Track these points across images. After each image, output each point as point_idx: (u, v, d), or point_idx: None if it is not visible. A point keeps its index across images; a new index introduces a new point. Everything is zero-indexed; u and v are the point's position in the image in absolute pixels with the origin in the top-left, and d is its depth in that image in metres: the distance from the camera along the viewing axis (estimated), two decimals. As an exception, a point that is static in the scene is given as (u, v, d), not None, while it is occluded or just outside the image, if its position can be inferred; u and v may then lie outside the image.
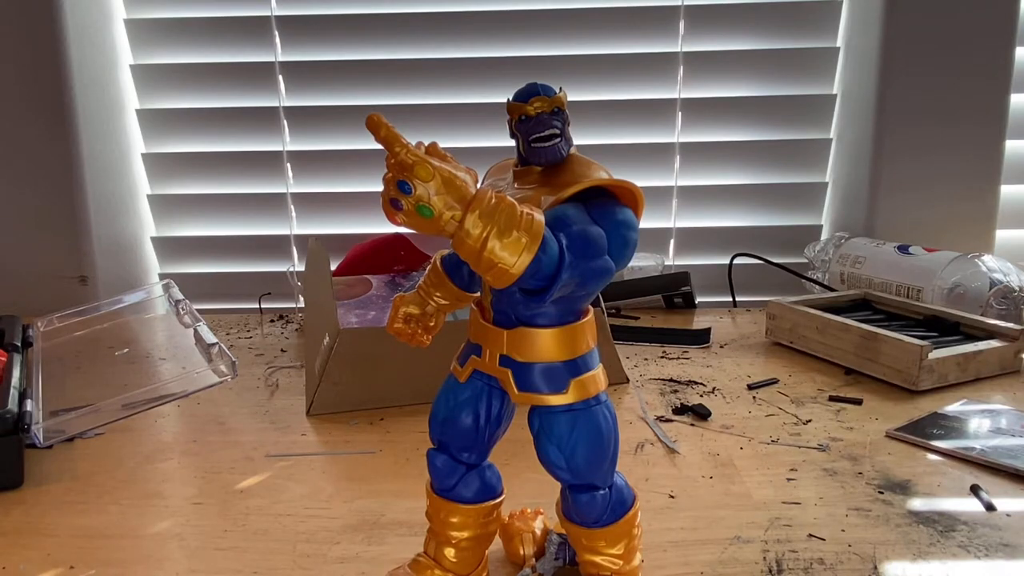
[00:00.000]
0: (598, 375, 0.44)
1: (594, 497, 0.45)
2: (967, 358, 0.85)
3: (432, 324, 0.52)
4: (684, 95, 1.26)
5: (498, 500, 0.49)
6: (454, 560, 0.49)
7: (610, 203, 0.42)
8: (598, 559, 0.46)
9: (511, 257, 0.36)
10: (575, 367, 0.43)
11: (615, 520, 0.46)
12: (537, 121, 0.43)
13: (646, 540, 0.55)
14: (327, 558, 0.54)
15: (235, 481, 0.66)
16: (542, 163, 0.44)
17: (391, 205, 0.35)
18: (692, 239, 1.30)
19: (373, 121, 0.35)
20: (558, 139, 0.43)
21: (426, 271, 0.51)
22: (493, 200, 0.36)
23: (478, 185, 0.37)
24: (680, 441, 0.73)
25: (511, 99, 0.44)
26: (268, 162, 1.28)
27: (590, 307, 0.45)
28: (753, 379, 0.89)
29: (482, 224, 0.35)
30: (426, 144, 0.37)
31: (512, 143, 0.45)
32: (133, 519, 0.60)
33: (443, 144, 0.37)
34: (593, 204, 0.41)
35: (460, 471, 0.47)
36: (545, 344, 0.43)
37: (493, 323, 0.44)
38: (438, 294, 0.50)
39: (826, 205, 1.31)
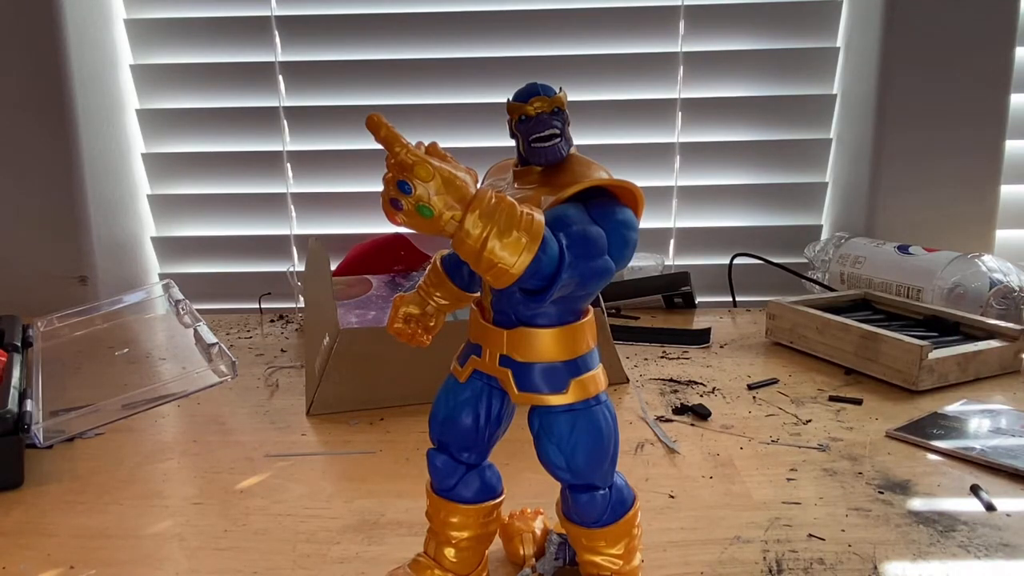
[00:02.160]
0: (598, 375, 0.44)
1: (594, 497, 0.45)
2: (967, 358, 0.85)
3: (432, 324, 0.52)
4: (684, 95, 1.26)
5: (498, 500, 0.49)
6: (454, 560, 0.49)
7: (610, 203, 0.42)
8: (598, 559, 0.46)
9: (511, 257, 0.36)
10: (575, 367, 0.43)
11: (615, 520, 0.46)
12: (537, 121, 0.43)
13: (646, 540, 0.55)
14: (327, 558, 0.54)
15: (235, 481, 0.66)
16: (542, 163, 0.44)
17: (391, 205, 0.35)
18: (692, 239, 1.30)
19: (373, 121, 0.35)
20: (558, 139, 0.43)
21: (426, 271, 0.52)
22: (493, 200, 0.36)
23: (478, 185, 0.37)
24: (680, 441, 0.73)
25: (511, 99, 0.44)
26: (268, 162, 1.28)
27: (590, 307, 0.45)
28: (753, 379, 0.89)
29: (482, 224, 0.35)
30: (426, 144, 0.37)
31: (512, 143, 0.45)
32: (133, 519, 0.60)
33: (443, 144, 0.37)
34: (593, 204, 0.41)
35: (460, 471, 0.47)
36: (545, 344, 0.43)
37: (493, 323, 0.44)
38: (438, 294, 0.50)
39: (826, 205, 1.31)
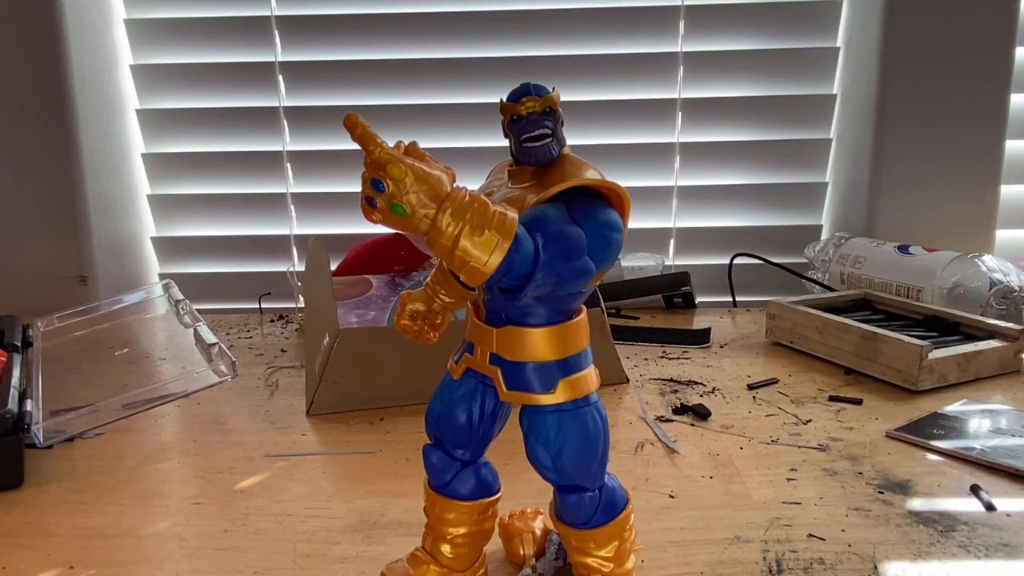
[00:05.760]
0: (589, 376, 0.44)
1: (582, 498, 0.45)
2: (967, 358, 0.85)
3: (439, 322, 0.52)
4: (684, 95, 1.26)
5: (494, 497, 0.49)
6: (450, 556, 0.49)
7: (593, 203, 0.42)
8: (588, 560, 0.46)
9: (483, 255, 0.36)
10: (565, 367, 0.43)
11: (605, 522, 0.46)
12: (528, 121, 0.44)
13: (646, 540, 0.55)
14: (327, 558, 0.54)
15: (235, 481, 0.66)
16: (532, 163, 0.44)
17: (367, 203, 0.35)
18: (692, 239, 1.30)
19: (350, 120, 0.35)
20: (549, 139, 0.44)
21: (434, 268, 0.52)
22: (467, 199, 0.36)
23: (456, 184, 0.37)
24: (680, 441, 0.73)
25: (504, 99, 0.44)
26: (268, 162, 1.28)
27: (583, 307, 0.45)
28: (753, 379, 0.89)
29: (454, 222, 0.36)
30: (406, 144, 0.37)
31: (511, 143, 0.45)
32: (133, 519, 0.60)
33: (443, 144, 0.37)
34: (575, 204, 0.41)
35: (455, 467, 0.48)
36: (534, 343, 0.43)
37: (485, 321, 0.45)
38: (443, 292, 0.51)
39: (826, 205, 1.31)
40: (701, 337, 1.04)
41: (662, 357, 0.98)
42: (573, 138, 0.45)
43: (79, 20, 1.17)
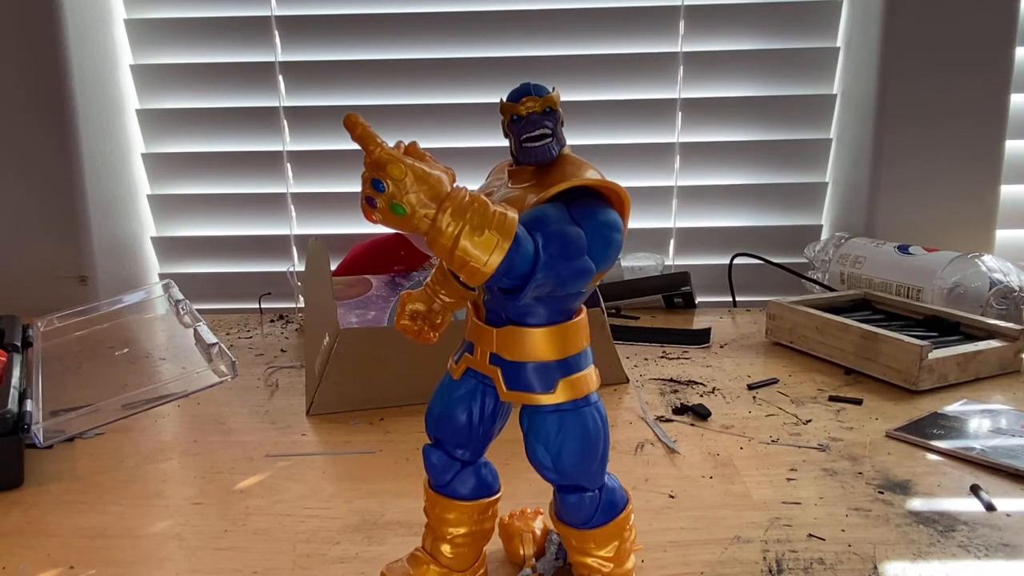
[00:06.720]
0: (589, 376, 0.44)
1: (582, 498, 0.45)
2: (967, 358, 0.85)
3: (439, 322, 0.52)
4: (684, 95, 1.26)
5: (494, 497, 0.49)
6: (450, 556, 0.49)
7: (593, 203, 0.42)
8: (588, 560, 0.46)
9: (483, 255, 0.36)
10: (565, 367, 0.43)
11: (605, 522, 0.46)
12: (528, 121, 0.44)
13: (646, 540, 0.55)
14: (327, 558, 0.54)
15: (235, 481, 0.66)
16: (532, 163, 0.44)
17: (367, 203, 0.35)
18: (692, 239, 1.30)
19: (350, 120, 0.36)
20: (549, 139, 0.44)
21: (434, 268, 0.52)
22: (467, 199, 0.36)
23: (456, 184, 0.37)
24: (680, 441, 0.73)
25: (504, 99, 0.44)
26: (268, 162, 1.28)
27: (583, 307, 0.45)
28: (753, 379, 0.89)
29: (454, 222, 0.36)
30: (406, 144, 0.37)
31: (511, 143, 0.45)
32: (133, 519, 0.60)
33: (443, 144, 0.37)
34: (575, 204, 0.41)
35: (455, 467, 0.48)
36: (534, 343, 0.43)
37: (485, 321, 0.45)
38: (443, 292, 0.51)
39: (826, 205, 1.31)
40: (701, 337, 1.04)
41: (662, 357, 0.98)
42: (573, 138, 0.45)
43: (79, 20, 1.17)
